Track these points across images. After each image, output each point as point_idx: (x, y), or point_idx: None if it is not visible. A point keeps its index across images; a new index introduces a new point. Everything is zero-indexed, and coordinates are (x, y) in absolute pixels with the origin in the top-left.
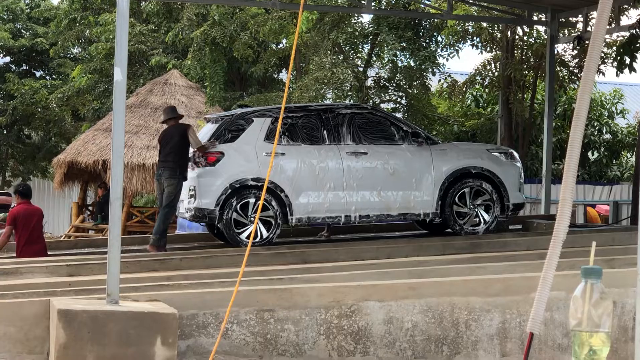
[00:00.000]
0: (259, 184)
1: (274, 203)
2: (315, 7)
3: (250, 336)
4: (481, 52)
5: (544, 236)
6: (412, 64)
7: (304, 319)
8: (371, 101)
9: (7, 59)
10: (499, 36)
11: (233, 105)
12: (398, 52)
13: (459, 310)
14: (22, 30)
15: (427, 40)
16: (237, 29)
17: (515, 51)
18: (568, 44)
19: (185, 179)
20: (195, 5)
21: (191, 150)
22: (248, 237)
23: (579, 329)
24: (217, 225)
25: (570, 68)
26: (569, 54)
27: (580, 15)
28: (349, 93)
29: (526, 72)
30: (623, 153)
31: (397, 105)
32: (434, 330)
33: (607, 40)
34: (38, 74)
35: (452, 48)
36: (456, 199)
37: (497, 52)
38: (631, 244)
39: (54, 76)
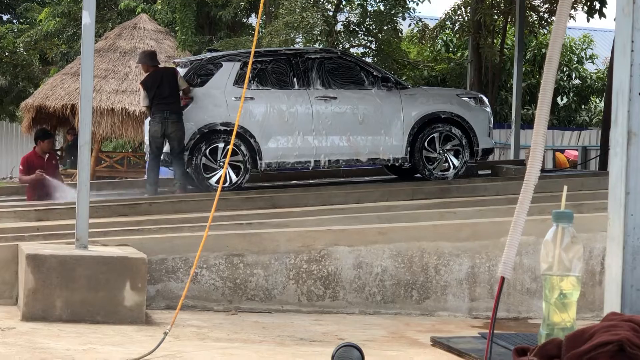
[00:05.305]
0: (228, 129)
1: (243, 148)
2: None
3: (220, 281)
4: None
5: (513, 181)
6: (382, 8)
7: (273, 263)
8: (341, 46)
9: None
10: None
11: (202, 49)
12: None
13: (428, 255)
14: None
15: None
16: None
17: None
18: None
19: None
20: None
21: None
22: (217, 181)
23: (550, 272)
24: (187, 170)
25: (541, 13)
26: None
27: None
28: (319, 38)
29: (496, 17)
30: (592, 99)
31: (367, 50)
32: (404, 275)
33: None
34: (5, 18)
35: None
36: (425, 144)
37: None
38: (600, 189)
39: (21, 20)
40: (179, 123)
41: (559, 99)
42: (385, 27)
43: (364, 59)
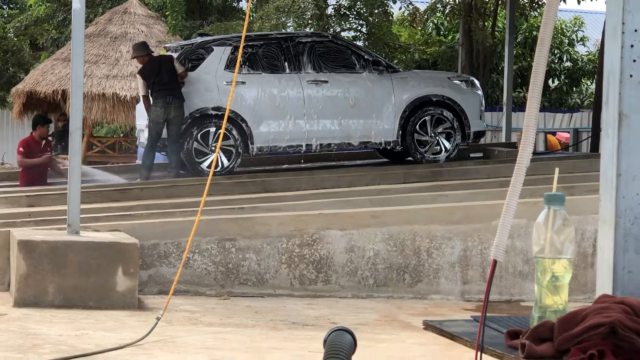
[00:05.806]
0: (220, 113)
1: (234, 132)
2: None
3: (212, 265)
4: None
5: (505, 164)
6: None
7: (265, 248)
8: (332, 30)
9: None
10: None
11: (193, 34)
12: None
13: (420, 238)
14: None
15: None
16: None
17: None
18: None
19: None
20: None
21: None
22: (209, 166)
23: (542, 255)
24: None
25: None
26: None
27: None
28: (310, 22)
29: (487, 0)
30: (583, 81)
31: (358, 33)
32: (396, 259)
33: None
34: None
35: None
36: (417, 127)
37: None
38: (591, 171)
39: (10, 5)
40: (180, 108)
41: (550, 81)
42: (376, 11)
43: (355, 42)
